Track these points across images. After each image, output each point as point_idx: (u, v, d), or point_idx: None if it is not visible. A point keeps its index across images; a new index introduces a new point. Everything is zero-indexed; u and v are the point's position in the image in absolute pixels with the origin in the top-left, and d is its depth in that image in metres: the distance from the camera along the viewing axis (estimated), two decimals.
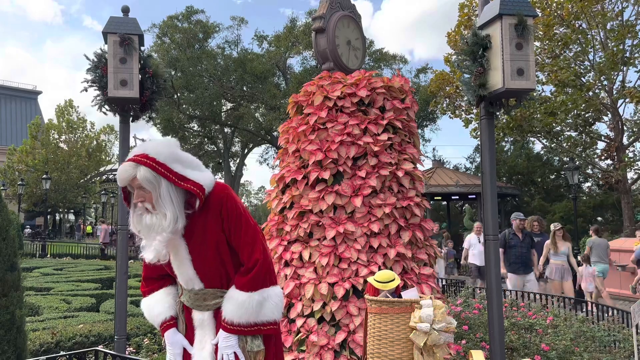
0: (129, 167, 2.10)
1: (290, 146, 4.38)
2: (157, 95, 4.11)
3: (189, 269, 2.25)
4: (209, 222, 2.19)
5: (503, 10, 3.45)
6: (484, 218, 3.83)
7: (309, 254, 3.97)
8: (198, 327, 2.33)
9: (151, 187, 2.10)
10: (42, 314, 6.79)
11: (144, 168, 2.09)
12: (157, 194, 2.11)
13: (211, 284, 2.27)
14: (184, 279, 2.30)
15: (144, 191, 2.12)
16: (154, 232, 2.12)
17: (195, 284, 2.27)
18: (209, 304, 2.28)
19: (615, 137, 17.40)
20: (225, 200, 2.20)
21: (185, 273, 2.26)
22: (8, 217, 3.22)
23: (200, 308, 2.30)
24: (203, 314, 2.30)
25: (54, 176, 28.52)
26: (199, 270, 2.24)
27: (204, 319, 2.30)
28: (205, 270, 2.25)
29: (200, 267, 2.24)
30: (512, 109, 3.78)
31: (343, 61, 4.63)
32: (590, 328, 5.31)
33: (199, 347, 2.32)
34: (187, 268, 2.25)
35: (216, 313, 2.29)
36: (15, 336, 3.15)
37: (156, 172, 2.10)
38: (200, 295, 2.28)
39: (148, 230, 2.13)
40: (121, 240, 4.16)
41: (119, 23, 3.93)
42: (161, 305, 2.38)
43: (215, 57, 29.52)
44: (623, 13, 16.20)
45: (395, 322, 2.79)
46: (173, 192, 2.13)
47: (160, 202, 2.11)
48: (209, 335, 2.30)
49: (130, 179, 2.12)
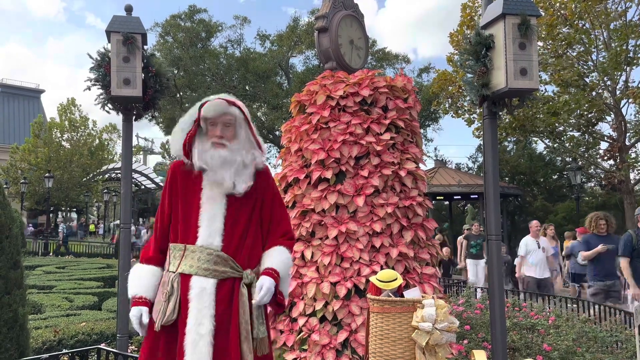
0: (224, 103, 2.32)
1: (292, 145, 4.38)
2: (159, 94, 4.12)
3: (219, 224, 2.31)
4: (252, 190, 2.37)
5: (506, 9, 3.44)
6: (487, 218, 3.83)
7: (311, 253, 3.98)
8: (195, 299, 2.21)
9: (238, 125, 2.35)
10: (44, 312, 6.81)
11: (237, 109, 2.34)
12: (241, 133, 2.36)
13: (228, 248, 2.30)
14: (206, 232, 2.30)
15: (227, 129, 2.34)
16: (227, 164, 2.29)
17: (215, 240, 2.29)
18: (217, 270, 2.25)
19: (618, 138, 17.35)
20: (270, 176, 2.47)
21: (213, 226, 2.30)
22: (11, 215, 3.23)
23: (206, 272, 2.24)
24: (207, 281, 2.23)
25: (56, 175, 28.55)
26: (227, 229, 2.31)
27: (206, 288, 2.22)
28: (232, 230, 2.32)
29: (229, 225, 2.32)
30: (514, 108, 3.77)
31: (346, 60, 4.62)
32: (592, 328, 5.30)
33: (194, 322, 2.18)
34: (218, 222, 2.31)
35: (219, 285, 2.24)
36: (18, 334, 3.16)
37: (244, 116, 2.37)
38: (213, 257, 2.26)
39: (222, 163, 2.29)
40: (124, 239, 4.17)
41: (122, 22, 3.93)
42: (145, 280, 2.38)
43: (218, 56, 29.51)
44: (627, 13, 16.15)
45: (398, 321, 2.79)
46: (250, 140, 2.39)
47: (243, 142, 2.35)
48: (209, 310, 2.20)
49: (222, 113, 2.32)
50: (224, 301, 2.24)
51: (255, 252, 2.36)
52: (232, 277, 2.27)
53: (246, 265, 2.31)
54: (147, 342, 2.32)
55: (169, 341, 2.26)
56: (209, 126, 2.35)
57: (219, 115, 2.32)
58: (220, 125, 2.33)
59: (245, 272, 2.28)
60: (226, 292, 2.25)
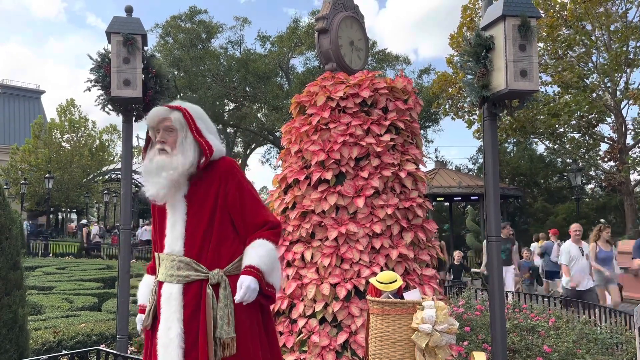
0: (163, 109, 2.38)
1: (292, 146, 4.38)
2: (160, 95, 4.12)
3: (180, 228, 2.35)
4: (212, 188, 2.36)
5: (506, 11, 3.44)
6: (487, 219, 3.83)
7: (311, 254, 3.97)
8: (164, 304, 2.30)
9: (178, 128, 2.36)
10: (44, 313, 6.80)
11: (177, 112, 2.37)
12: (181, 137, 2.36)
13: (191, 253, 2.33)
14: (170, 240, 2.36)
15: (168, 134, 2.37)
16: (164, 171, 2.31)
17: (177, 246, 2.33)
18: (181, 275, 2.30)
19: (618, 139, 17.36)
20: (232, 169, 2.41)
21: (175, 232, 2.36)
22: (11, 216, 3.23)
23: (171, 279, 2.31)
24: (172, 287, 2.30)
25: (56, 175, 28.55)
26: (188, 232, 2.34)
27: (172, 293, 2.29)
28: (194, 234, 2.34)
29: (190, 230, 2.34)
30: (515, 110, 3.77)
31: (346, 62, 4.62)
32: (592, 330, 5.29)
33: (164, 327, 2.28)
34: (179, 227, 2.35)
35: (185, 289, 2.29)
36: (18, 335, 3.16)
37: (185, 119, 2.37)
38: (176, 262, 2.31)
39: (158, 170, 2.32)
40: (124, 240, 4.17)
41: (123, 23, 3.93)
42: (143, 290, 2.55)
43: (218, 57, 29.55)
44: (627, 14, 16.17)
45: (397, 323, 2.79)
46: (192, 142, 2.37)
47: (181, 146, 2.35)
48: (176, 315, 2.26)
49: (161, 119, 2.37)
50: (190, 304, 2.28)
51: (223, 250, 2.35)
52: (197, 279, 2.29)
53: (214, 265, 2.31)
54: (144, 346, 2.48)
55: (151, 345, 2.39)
56: (155, 134, 2.42)
57: (157, 122, 2.38)
58: (161, 131, 2.38)
59: (211, 272, 2.29)
60: (193, 296, 2.28)
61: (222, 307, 2.24)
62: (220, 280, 2.28)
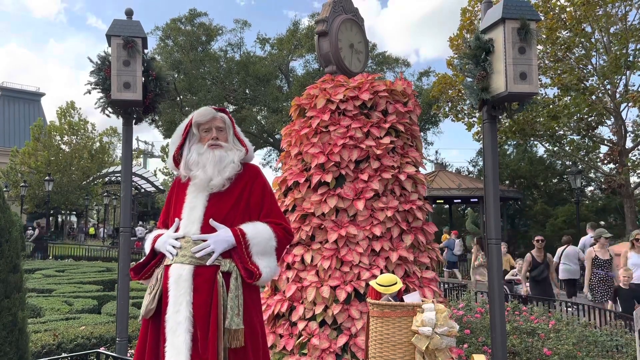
0: (212, 109, 2.59)
1: (292, 149, 4.38)
2: (160, 97, 4.12)
3: (199, 213, 2.42)
4: (238, 185, 2.49)
5: (506, 14, 3.44)
6: (487, 222, 3.82)
7: (311, 257, 3.97)
8: (172, 286, 2.29)
9: (227, 128, 2.57)
10: (44, 315, 6.79)
11: (223, 114, 2.60)
12: (230, 135, 2.58)
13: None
14: (185, 222, 2.41)
15: (220, 132, 2.55)
16: (222, 163, 2.46)
17: (194, 227, 2.38)
18: (194, 256, 2.30)
19: (618, 141, 17.35)
20: (260, 174, 2.60)
21: (192, 216, 2.41)
22: (11, 218, 3.23)
23: (183, 259, 2.31)
24: (182, 269, 2.30)
25: (56, 178, 28.55)
26: (206, 218, 2.40)
27: (182, 274, 2.29)
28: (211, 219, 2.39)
29: (208, 216, 2.40)
30: (514, 112, 3.77)
31: (346, 64, 4.63)
32: (592, 332, 5.29)
33: (173, 310, 2.26)
34: (198, 212, 2.42)
35: (196, 272, 2.29)
36: (17, 338, 3.15)
37: (230, 121, 2.61)
38: (191, 243, 2.33)
39: (218, 162, 2.45)
40: (123, 242, 4.16)
41: (123, 26, 3.93)
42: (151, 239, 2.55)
43: (218, 59, 29.55)
44: (627, 17, 16.18)
45: (397, 325, 2.79)
46: (237, 141, 2.60)
47: (232, 143, 2.56)
48: (185, 297, 2.25)
49: (211, 117, 2.55)
50: (203, 290, 2.26)
51: None
52: (210, 264, 2.30)
53: (226, 254, 2.33)
54: (139, 336, 2.45)
55: (154, 331, 2.35)
56: (203, 133, 2.56)
57: (210, 119, 2.55)
58: (214, 129, 2.55)
59: (224, 260, 2.31)
60: (204, 280, 2.27)
61: (233, 297, 2.25)
62: (231, 270, 2.30)
